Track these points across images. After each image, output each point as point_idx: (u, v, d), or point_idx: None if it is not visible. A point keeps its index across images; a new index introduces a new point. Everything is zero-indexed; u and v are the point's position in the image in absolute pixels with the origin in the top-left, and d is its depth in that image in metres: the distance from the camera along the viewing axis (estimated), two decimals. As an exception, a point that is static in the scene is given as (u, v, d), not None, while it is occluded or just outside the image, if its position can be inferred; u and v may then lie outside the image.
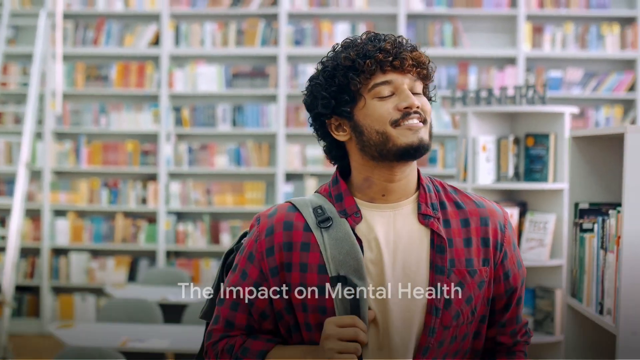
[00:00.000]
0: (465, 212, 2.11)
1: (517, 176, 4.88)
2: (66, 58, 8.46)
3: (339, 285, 1.99)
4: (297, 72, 8.37)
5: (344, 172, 2.15)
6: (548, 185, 4.69)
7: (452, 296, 2.03)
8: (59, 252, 8.46)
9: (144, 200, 8.41)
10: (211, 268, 8.24)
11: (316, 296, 2.02)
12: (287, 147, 8.34)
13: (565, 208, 4.68)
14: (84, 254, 8.39)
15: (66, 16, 8.46)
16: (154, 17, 8.48)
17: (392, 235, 2.05)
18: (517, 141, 4.90)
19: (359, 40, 2.07)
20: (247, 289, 2.07)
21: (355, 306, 1.98)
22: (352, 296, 1.98)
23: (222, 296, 2.10)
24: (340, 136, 2.08)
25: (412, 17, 8.29)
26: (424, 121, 2.04)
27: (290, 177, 8.39)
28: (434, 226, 2.05)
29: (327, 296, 2.01)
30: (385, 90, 2.02)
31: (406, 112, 2.01)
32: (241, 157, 8.41)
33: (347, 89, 2.03)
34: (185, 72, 8.42)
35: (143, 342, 4.43)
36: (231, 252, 2.21)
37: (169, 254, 8.38)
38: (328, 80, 2.05)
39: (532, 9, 8.19)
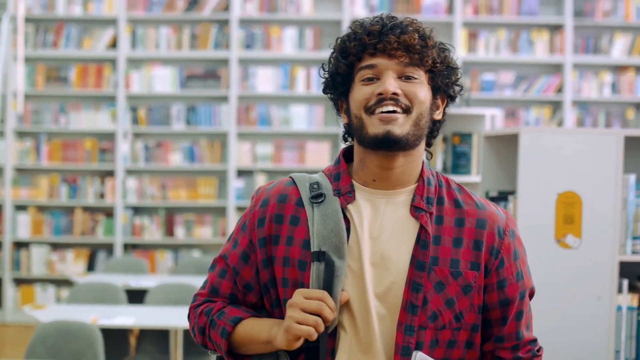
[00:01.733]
0: (462, 211, 2.00)
1: (445, 170, 5.44)
2: (27, 60, 8.82)
3: (317, 260, 1.93)
4: (248, 74, 8.82)
5: (350, 153, 2.08)
6: (471, 178, 5.24)
7: (430, 295, 1.92)
8: (20, 245, 8.81)
9: (102, 196, 8.79)
10: (166, 259, 8.66)
11: (297, 271, 1.95)
12: (238, 145, 8.77)
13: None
14: (45, 247, 8.76)
15: (27, 20, 8.81)
16: (112, 22, 8.85)
17: (379, 221, 1.97)
18: (445, 139, 5.45)
19: (357, 23, 2.01)
20: (235, 258, 2.03)
21: (328, 282, 1.91)
22: (328, 272, 1.91)
23: (214, 262, 2.08)
24: (343, 118, 2.04)
25: (356, 23, 8.80)
26: (406, 110, 1.93)
27: (241, 173, 8.82)
28: (422, 220, 1.95)
29: (306, 272, 1.94)
30: (369, 74, 1.94)
31: (380, 99, 1.91)
32: (194, 155, 8.82)
33: (339, 72, 1.99)
34: (141, 74, 8.82)
35: (111, 320, 4.87)
36: None
37: (126, 246, 8.77)
38: (329, 62, 2.02)
39: (467, 16, 8.73)
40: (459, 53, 8.61)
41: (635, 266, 3.22)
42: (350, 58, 1.96)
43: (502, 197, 3.41)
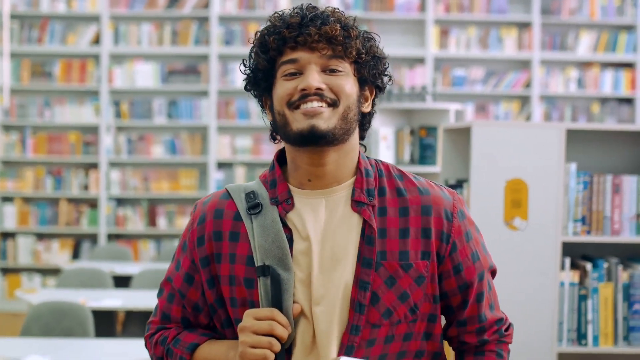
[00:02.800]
0: (405, 199, 1.89)
1: (412, 161, 5.77)
2: (12, 55, 9.06)
3: (262, 275, 1.83)
4: (227, 69, 9.11)
5: (283, 155, 1.95)
6: (437, 169, 5.57)
7: (381, 292, 1.84)
8: (6, 235, 9.07)
9: (86, 187, 9.06)
10: (149, 249, 8.94)
11: (244, 289, 1.86)
12: (218, 138, 9.06)
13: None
14: (30, 237, 9.02)
15: (12, 16, 9.05)
16: (95, 18, 9.11)
17: (322, 223, 1.86)
18: (412, 132, 5.78)
19: (280, 14, 1.88)
20: (179, 280, 1.94)
21: (276, 298, 1.82)
22: (275, 287, 1.82)
23: (161, 286, 1.99)
24: (268, 115, 1.91)
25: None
26: (332, 104, 1.82)
27: (221, 165, 9.10)
28: (365, 214, 1.85)
29: (255, 289, 1.85)
30: (290, 69, 1.83)
31: (303, 94, 1.81)
32: (176, 147, 9.10)
33: (259, 68, 1.87)
34: (123, 69, 9.08)
35: (99, 302, 5.18)
36: None
37: (109, 236, 9.04)
38: (250, 57, 1.89)
39: (439, 14, 9.04)
40: (431, 49, 8.94)
41: (576, 246, 3.55)
42: (271, 53, 1.84)
43: (458, 185, 3.74)
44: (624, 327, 3.44)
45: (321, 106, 1.81)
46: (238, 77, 9.08)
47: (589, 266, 3.43)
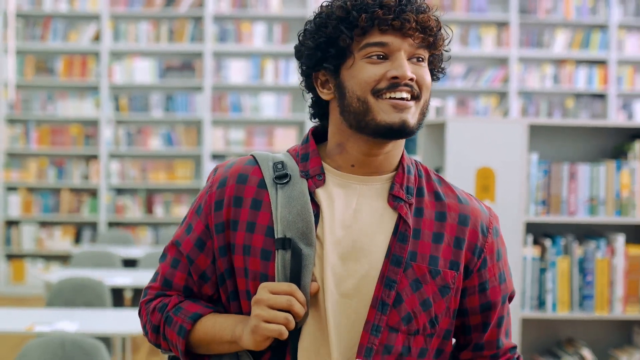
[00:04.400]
0: (443, 204, 1.78)
1: (396, 153, 6.27)
2: (17, 52, 9.48)
3: (282, 249, 1.70)
4: (221, 66, 9.53)
5: (319, 133, 1.84)
6: (417, 157, 6.07)
7: (405, 294, 1.71)
8: (11, 223, 9.49)
9: (86, 177, 9.47)
10: (146, 236, 9.39)
11: (259, 261, 1.72)
12: (212, 131, 9.48)
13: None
14: (34, 225, 9.45)
15: (17, 15, 9.46)
16: (95, 17, 9.52)
17: (352, 210, 1.74)
18: (397, 126, 6.28)
19: None
20: (189, 245, 1.78)
21: (296, 273, 1.68)
22: (295, 262, 1.68)
23: (165, 251, 1.83)
24: (325, 94, 1.76)
25: (320, 19, 9.55)
26: (416, 97, 1.69)
27: (215, 156, 9.52)
28: (402, 211, 1.73)
29: (271, 262, 1.71)
30: (378, 52, 1.69)
31: (394, 83, 1.67)
32: (172, 140, 9.52)
33: (336, 43, 1.71)
34: (122, 66, 9.50)
35: (112, 280, 5.66)
36: None
37: (109, 224, 9.48)
38: (319, 28, 1.73)
39: (422, 13, 9.51)
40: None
41: (537, 225, 4.04)
42: (356, 31, 1.69)
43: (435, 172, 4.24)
44: (578, 295, 3.93)
45: (409, 99, 1.69)
46: (231, 73, 9.50)
47: (548, 243, 3.93)
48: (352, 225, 1.73)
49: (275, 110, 9.56)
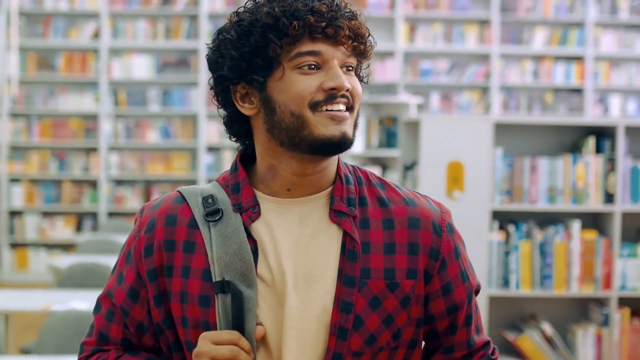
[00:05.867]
0: (389, 210, 1.64)
1: (380, 146, 6.72)
2: (19, 49, 9.81)
3: (221, 292, 1.57)
4: None
5: (246, 156, 1.68)
6: (398, 152, 6.53)
7: (365, 315, 1.58)
8: (14, 213, 9.82)
9: (87, 169, 9.80)
10: None
11: (198, 308, 1.58)
12: (207, 125, 9.83)
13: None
14: (37, 215, 9.79)
15: (19, 14, 9.79)
16: (94, 15, 9.84)
17: (296, 236, 1.60)
18: (380, 121, 6.74)
19: None
20: (122, 296, 1.64)
21: (238, 319, 1.55)
22: (236, 306, 1.55)
23: (98, 302, 1.69)
24: (246, 109, 1.61)
25: (310, 17, 9.93)
26: (350, 108, 1.58)
27: (210, 149, 9.86)
28: (346, 226, 1.60)
29: (211, 308, 1.58)
30: (310, 62, 1.55)
31: (331, 95, 1.55)
32: (169, 133, 9.85)
33: (263, 53, 1.55)
34: (121, 62, 9.84)
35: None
36: None
37: (109, 214, 9.82)
38: (241, 37, 1.56)
39: (408, 11, 9.82)
40: (400, 44, 9.80)
41: (502, 213, 4.47)
42: (286, 39, 1.55)
43: (411, 166, 4.69)
44: (539, 275, 4.37)
45: (344, 110, 1.58)
46: None
47: (512, 228, 4.36)
48: (298, 253, 1.60)
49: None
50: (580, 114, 9.84)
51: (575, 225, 4.34)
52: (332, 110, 1.57)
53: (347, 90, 1.58)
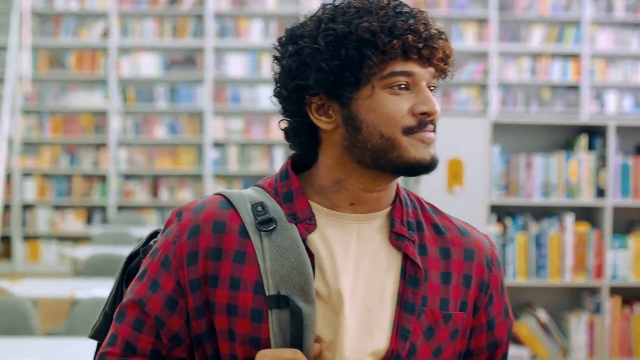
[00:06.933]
0: (446, 239, 1.58)
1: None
2: (32, 48, 10.03)
3: (276, 308, 1.46)
4: (221, 60, 10.07)
5: (297, 164, 1.58)
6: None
7: (419, 344, 1.51)
8: (27, 207, 10.05)
9: (97, 164, 10.02)
10: (153, 218, 9.94)
11: (249, 323, 1.47)
12: (213, 121, 10.02)
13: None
14: (48, 208, 10.02)
15: (32, 13, 10.00)
16: (104, 15, 10.05)
17: (354, 253, 1.51)
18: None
19: (381, 4, 1.48)
20: (158, 305, 1.51)
21: (297, 337, 1.45)
22: (295, 323, 1.45)
23: (122, 309, 1.53)
24: (322, 122, 1.50)
25: (314, 16, 10.15)
26: (433, 130, 1.50)
27: (216, 144, 10.05)
28: (408, 250, 1.52)
29: (264, 323, 1.47)
30: (401, 82, 1.46)
31: (422, 120, 1.47)
32: (176, 129, 10.05)
33: (354, 68, 1.46)
34: (129, 60, 10.05)
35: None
36: (136, 255, 1.66)
37: (118, 207, 10.05)
38: (331, 48, 1.46)
39: (408, 10, 10.11)
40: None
41: (500, 206, 4.71)
42: (381, 57, 1.45)
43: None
44: (535, 265, 4.60)
45: (433, 133, 1.50)
46: (231, 67, 10.02)
47: (509, 221, 4.59)
48: (356, 272, 1.51)
49: (271, 101, 10.05)
50: (576, 111, 10.04)
51: (569, 218, 4.54)
52: (422, 134, 1.48)
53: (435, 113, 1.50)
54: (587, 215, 4.70)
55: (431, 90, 1.51)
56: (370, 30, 1.44)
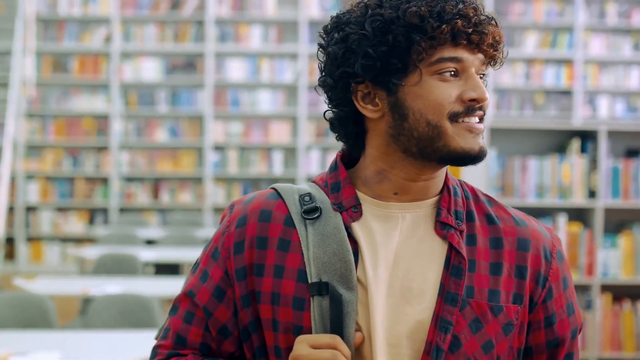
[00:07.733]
0: (498, 229, 1.51)
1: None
2: (35, 53, 10.16)
3: (318, 295, 1.43)
4: (221, 65, 10.22)
5: (345, 157, 1.56)
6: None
7: (464, 337, 1.44)
8: (30, 209, 10.19)
9: (99, 167, 10.16)
10: (154, 220, 10.08)
11: (291, 311, 1.45)
12: (214, 124, 10.15)
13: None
14: (51, 210, 10.16)
15: (36, 19, 10.14)
16: (106, 20, 10.20)
17: (397, 242, 1.48)
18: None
19: None
20: (206, 295, 1.50)
21: (337, 322, 1.42)
22: (335, 309, 1.42)
23: (176, 303, 1.54)
24: (369, 110, 1.46)
25: (314, 24, 10.17)
26: (482, 119, 1.45)
27: (216, 148, 10.18)
28: (453, 240, 1.47)
29: (305, 311, 1.44)
30: (451, 68, 1.42)
31: (470, 107, 1.43)
32: (177, 132, 10.19)
33: (402, 54, 1.41)
34: (131, 64, 10.19)
35: (137, 254, 6.52)
36: None
37: (120, 209, 10.17)
38: (378, 34, 1.41)
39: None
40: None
41: (496, 207, 4.92)
42: (430, 42, 1.41)
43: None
44: (529, 264, 4.82)
45: (481, 123, 1.46)
46: (230, 71, 10.16)
47: (504, 221, 4.81)
48: (398, 262, 1.47)
49: (271, 105, 10.22)
50: (569, 115, 10.16)
51: (562, 218, 4.62)
52: (469, 122, 1.44)
53: (485, 101, 1.45)
54: (579, 215, 4.82)
55: (480, 77, 1.46)
56: (418, 15, 1.40)
